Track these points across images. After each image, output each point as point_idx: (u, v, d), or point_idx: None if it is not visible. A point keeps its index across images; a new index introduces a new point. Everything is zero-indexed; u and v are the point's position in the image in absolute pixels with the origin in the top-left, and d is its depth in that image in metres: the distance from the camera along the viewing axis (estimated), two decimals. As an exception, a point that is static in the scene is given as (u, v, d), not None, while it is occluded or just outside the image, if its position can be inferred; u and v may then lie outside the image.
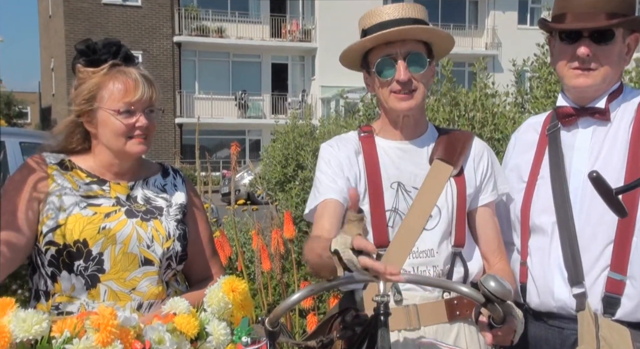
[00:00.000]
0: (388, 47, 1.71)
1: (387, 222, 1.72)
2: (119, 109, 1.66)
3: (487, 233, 1.81)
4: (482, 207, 1.81)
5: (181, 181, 1.87)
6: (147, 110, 1.69)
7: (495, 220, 1.83)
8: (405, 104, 1.72)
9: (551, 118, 1.90)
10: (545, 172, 1.81)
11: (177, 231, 1.75)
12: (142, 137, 1.69)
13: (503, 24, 27.52)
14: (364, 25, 1.76)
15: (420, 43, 1.73)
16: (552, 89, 3.25)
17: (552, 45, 1.84)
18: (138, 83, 1.67)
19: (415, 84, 1.72)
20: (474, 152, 1.81)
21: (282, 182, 6.07)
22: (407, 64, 1.70)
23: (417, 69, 1.71)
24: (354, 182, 1.74)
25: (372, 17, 1.75)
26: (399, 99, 1.72)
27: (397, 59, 1.70)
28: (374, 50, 1.74)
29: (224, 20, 26.06)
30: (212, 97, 25.73)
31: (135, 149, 1.69)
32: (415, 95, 1.72)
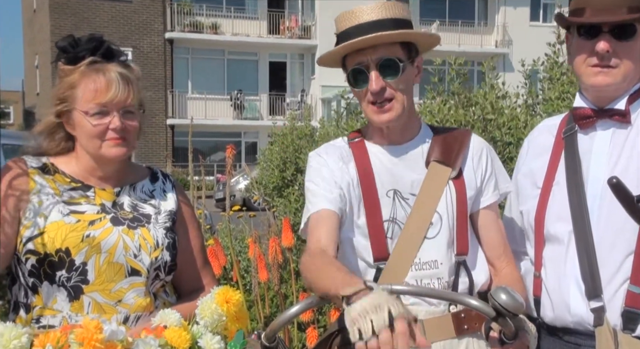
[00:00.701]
0: (359, 54, 1.68)
1: (385, 234, 1.70)
2: (88, 110, 1.66)
3: (491, 237, 1.79)
4: (484, 209, 1.79)
5: (171, 186, 1.86)
6: (122, 111, 1.67)
7: (499, 222, 1.82)
8: (384, 116, 1.69)
9: (567, 120, 1.88)
10: (561, 177, 1.80)
11: (166, 240, 1.74)
12: (118, 139, 1.67)
13: (514, 21, 27.59)
14: (337, 30, 1.74)
15: (396, 45, 1.69)
16: (566, 90, 3.24)
17: (570, 41, 1.83)
18: (111, 82, 1.65)
19: (390, 93, 1.68)
20: (472, 151, 1.80)
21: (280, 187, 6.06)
22: (380, 72, 1.66)
23: (392, 76, 1.67)
24: (347, 192, 1.72)
25: (345, 20, 1.71)
26: (375, 111, 1.69)
27: (369, 68, 1.67)
28: (348, 56, 1.72)
29: (219, 16, 26.12)
30: (206, 97, 25.76)
31: (111, 152, 1.68)
32: (394, 105, 1.69)
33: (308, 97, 26.59)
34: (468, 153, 1.79)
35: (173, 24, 25.33)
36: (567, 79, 3.29)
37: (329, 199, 1.70)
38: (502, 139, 3.22)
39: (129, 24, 24.77)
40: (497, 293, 1.36)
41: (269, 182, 6.28)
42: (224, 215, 4.43)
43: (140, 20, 24.89)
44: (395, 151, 1.77)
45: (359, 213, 1.72)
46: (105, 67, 1.68)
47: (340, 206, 1.69)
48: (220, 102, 26.19)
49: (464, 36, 26.94)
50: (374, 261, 1.70)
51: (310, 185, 1.76)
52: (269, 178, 6.31)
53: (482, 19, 28.42)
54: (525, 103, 3.55)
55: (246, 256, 4.71)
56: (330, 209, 1.68)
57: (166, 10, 25.22)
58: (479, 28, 27.98)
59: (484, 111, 3.32)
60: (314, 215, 1.69)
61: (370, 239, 1.71)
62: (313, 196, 1.73)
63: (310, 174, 1.78)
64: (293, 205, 5.27)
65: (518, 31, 27.24)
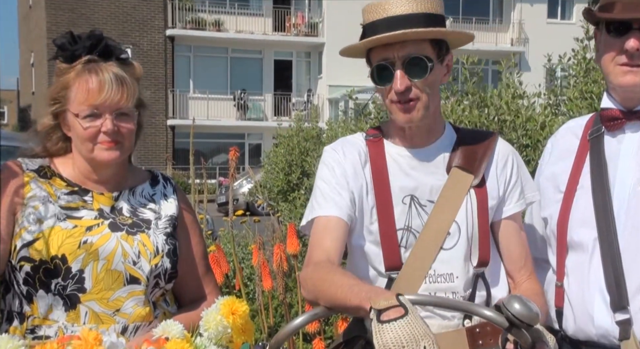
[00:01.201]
0: (386, 49, 1.65)
1: (399, 243, 1.69)
2: (79, 112, 1.65)
3: (511, 249, 1.78)
4: (506, 219, 1.77)
5: (172, 190, 1.85)
6: (116, 113, 1.67)
7: (521, 234, 1.80)
8: (407, 116, 1.67)
9: (594, 122, 1.87)
10: (586, 181, 1.78)
11: (167, 246, 1.74)
12: (110, 142, 1.66)
13: (531, 18, 27.54)
14: (364, 20, 1.71)
15: (425, 42, 1.66)
16: (589, 89, 3.22)
17: (598, 39, 1.81)
18: (103, 84, 1.65)
19: (415, 93, 1.65)
20: (497, 157, 1.77)
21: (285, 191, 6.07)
22: (405, 71, 1.64)
23: (418, 76, 1.65)
24: (359, 196, 1.71)
25: (375, 12, 1.68)
26: (398, 110, 1.67)
27: (395, 65, 1.65)
28: (374, 50, 1.69)
29: (222, 12, 26.20)
30: (209, 97, 25.83)
31: (103, 156, 1.67)
32: (417, 106, 1.66)
33: (315, 97, 26.61)
34: (492, 159, 1.77)
35: (174, 21, 25.42)
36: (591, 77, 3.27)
37: (339, 204, 1.68)
38: (518, 141, 3.20)
39: (128, 21, 24.88)
40: (510, 302, 1.34)
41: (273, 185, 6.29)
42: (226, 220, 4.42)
43: (140, 16, 25.00)
44: (415, 154, 1.75)
45: (371, 219, 1.71)
46: (101, 67, 1.67)
47: (350, 212, 1.68)
48: (223, 102, 26.25)
49: (478, 34, 26.86)
50: (386, 270, 1.69)
51: (320, 183, 1.74)
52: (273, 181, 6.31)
53: (497, 15, 28.39)
54: (547, 103, 3.54)
55: (249, 264, 4.71)
56: (339, 217, 1.67)
57: (167, 6, 25.32)
58: (494, 25, 27.96)
59: (499, 112, 3.31)
60: (321, 220, 1.68)
61: (382, 248, 1.69)
62: (322, 197, 1.71)
63: (322, 171, 1.76)
64: (299, 210, 5.27)
65: (535, 29, 27.20)
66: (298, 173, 5.95)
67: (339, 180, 1.71)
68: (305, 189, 5.48)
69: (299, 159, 6.02)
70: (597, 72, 3.23)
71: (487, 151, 1.76)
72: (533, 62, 23.11)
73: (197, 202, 4.83)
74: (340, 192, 1.69)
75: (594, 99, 3.10)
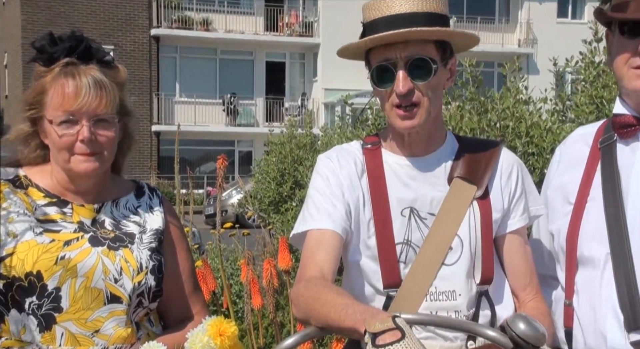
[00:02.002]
0: (387, 49, 1.65)
1: (398, 258, 1.69)
2: (54, 118, 1.65)
3: (516, 266, 1.78)
4: (510, 234, 1.78)
5: (158, 202, 1.86)
6: (94, 120, 1.66)
7: (526, 249, 1.81)
8: (407, 122, 1.67)
9: (605, 129, 1.88)
10: (597, 193, 1.79)
11: (151, 262, 1.73)
12: (88, 153, 1.66)
13: (539, 18, 27.68)
14: (364, 19, 1.72)
15: (429, 43, 1.67)
16: (599, 94, 3.23)
17: (610, 40, 1.82)
18: (80, 88, 1.65)
19: (417, 97, 1.66)
20: (501, 167, 1.78)
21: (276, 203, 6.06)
22: (408, 72, 1.64)
23: (422, 78, 1.65)
24: (355, 208, 1.71)
25: (376, 9, 1.69)
26: (399, 115, 1.67)
27: (397, 66, 1.65)
28: (374, 50, 1.70)
29: (211, 11, 26.27)
30: (196, 101, 25.83)
31: (80, 168, 1.67)
32: (419, 111, 1.66)
33: (309, 102, 26.65)
34: (497, 170, 1.78)
35: (159, 20, 25.46)
36: (601, 82, 3.28)
37: (333, 217, 1.68)
38: (522, 149, 3.21)
39: (110, 19, 24.89)
40: (514, 322, 1.34)
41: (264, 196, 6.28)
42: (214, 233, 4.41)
43: (123, 14, 25.02)
44: (415, 163, 1.75)
45: (368, 233, 1.71)
46: (79, 70, 1.67)
47: (345, 225, 1.68)
48: (211, 106, 26.26)
49: (484, 34, 26.99)
50: (384, 287, 1.69)
51: (314, 193, 1.74)
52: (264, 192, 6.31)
53: (504, 15, 28.52)
54: (554, 108, 3.54)
55: (238, 280, 4.70)
56: (333, 231, 1.67)
57: (152, 4, 25.35)
58: (500, 25, 28.09)
59: (500, 117, 3.31)
60: (314, 233, 1.68)
61: (380, 263, 1.69)
62: (315, 208, 1.71)
63: (316, 181, 1.76)
64: (291, 222, 5.26)
65: (544, 29, 27.33)
66: (290, 183, 5.95)
67: (333, 191, 1.72)
68: (298, 201, 5.48)
69: (292, 168, 6.02)
70: (608, 76, 3.25)
71: (490, 160, 1.77)
72: (542, 64, 23.17)
73: (182, 213, 4.82)
74: (335, 204, 1.70)
75: (605, 104, 3.11)
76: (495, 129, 3.27)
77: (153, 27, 25.31)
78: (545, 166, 2.98)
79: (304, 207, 1.76)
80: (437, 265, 1.68)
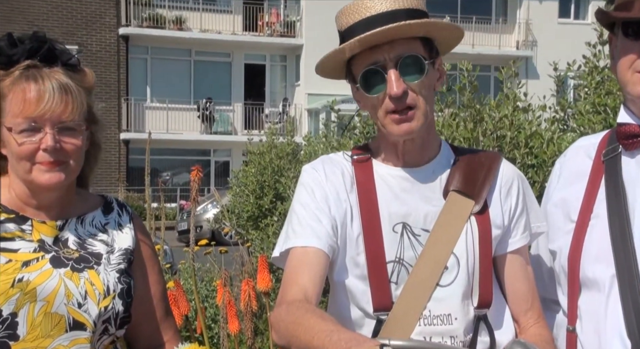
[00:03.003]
0: (373, 52, 1.67)
1: (389, 278, 1.69)
2: (14, 126, 1.64)
3: (517, 288, 1.79)
4: (511, 254, 1.79)
5: (128, 219, 1.85)
6: (59, 127, 1.66)
7: (528, 270, 1.82)
8: (405, 126, 1.68)
9: (609, 139, 1.89)
10: (601, 209, 1.80)
11: (120, 285, 1.73)
12: (52, 163, 1.65)
13: (539, 18, 27.94)
14: (340, 26, 1.73)
15: (416, 40, 1.69)
16: (603, 102, 3.26)
17: (613, 43, 1.83)
18: (43, 92, 1.64)
19: (412, 98, 1.67)
20: (501, 181, 1.79)
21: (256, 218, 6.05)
22: (400, 72, 1.66)
23: (415, 77, 1.67)
24: (342, 223, 1.71)
25: (351, 15, 1.70)
26: (396, 120, 1.68)
27: (387, 67, 1.66)
28: (357, 57, 1.71)
29: (185, 8, 26.29)
30: (168, 107, 25.79)
31: (42, 179, 1.66)
32: (416, 114, 1.67)
33: (291, 108, 26.70)
34: (496, 183, 1.79)
35: (128, 18, 25.42)
36: (605, 88, 3.30)
37: (318, 233, 1.68)
38: (522, 161, 3.23)
39: (74, 17, 24.79)
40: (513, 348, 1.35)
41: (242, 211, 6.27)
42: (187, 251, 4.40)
43: (88, 12, 24.93)
44: (408, 174, 1.76)
45: (357, 250, 1.71)
46: (42, 73, 1.67)
47: (331, 243, 1.69)
48: (185, 112, 26.21)
49: (479, 35, 27.24)
50: (374, 310, 1.69)
51: (297, 207, 1.75)
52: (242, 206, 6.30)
53: (501, 14, 28.77)
54: (554, 116, 3.56)
55: (214, 302, 4.67)
56: (318, 248, 1.67)
57: (120, 0, 25.32)
58: (497, 26, 28.32)
59: (497, 126, 3.32)
60: (297, 251, 1.68)
61: (370, 284, 1.69)
62: (299, 224, 1.71)
63: (300, 194, 1.77)
64: (271, 239, 5.25)
65: (544, 30, 27.58)
66: (271, 196, 5.94)
67: (319, 204, 1.72)
68: (279, 215, 5.47)
69: (272, 179, 6.02)
70: (612, 82, 3.27)
71: (489, 173, 1.78)
72: (542, 68, 23.39)
73: (153, 230, 4.80)
74: (320, 219, 1.70)
75: (609, 113, 3.13)
76: (492, 139, 3.28)
77: (121, 25, 25.25)
78: (545, 179, 2.99)
79: (287, 222, 1.77)
80: (432, 286, 1.69)
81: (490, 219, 1.75)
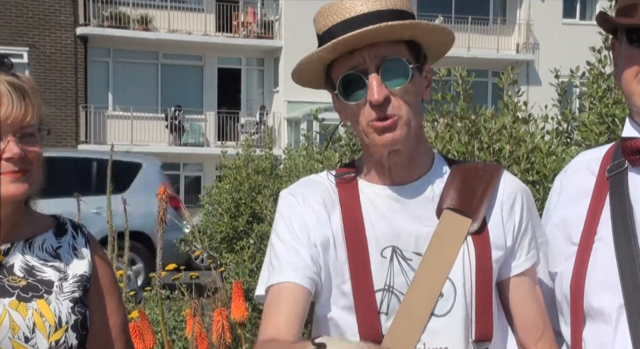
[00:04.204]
0: (353, 56, 1.66)
1: (377, 308, 1.69)
2: None
3: (526, 315, 1.80)
4: (516, 277, 1.79)
5: (84, 242, 1.85)
6: (20, 134, 1.66)
7: (537, 292, 1.83)
8: (388, 136, 1.67)
9: (614, 154, 1.90)
10: (606, 230, 1.81)
11: (74, 316, 1.72)
12: (17, 172, 1.65)
13: (542, 18, 28.11)
14: (318, 29, 1.74)
15: (400, 44, 1.69)
16: (610, 112, 3.28)
17: (617, 50, 1.84)
18: (1, 97, 1.64)
19: (394, 107, 1.66)
20: (502, 196, 1.79)
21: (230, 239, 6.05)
22: (381, 77, 1.65)
23: (397, 82, 1.66)
24: (324, 250, 1.71)
25: (331, 14, 1.70)
26: (378, 129, 1.67)
27: (367, 72, 1.66)
28: (337, 62, 1.70)
29: (151, 6, 26.27)
30: (133, 116, 25.71)
31: (8, 191, 1.66)
32: (399, 122, 1.67)
33: (269, 117, 26.72)
34: (496, 199, 1.78)
35: (87, 16, 25.33)
36: (612, 97, 3.32)
37: (295, 266, 1.68)
38: (522, 177, 3.24)
39: (24, 15, 24.63)
40: None
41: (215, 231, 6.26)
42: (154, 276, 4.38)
43: (41, 9, 24.77)
44: (397, 192, 1.75)
45: (342, 278, 1.71)
46: None
47: (311, 274, 1.68)
48: (151, 122, 26.15)
49: (475, 37, 27.43)
50: None
51: (275, 241, 1.75)
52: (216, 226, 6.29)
53: (500, 14, 28.94)
54: (556, 128, 3.58)
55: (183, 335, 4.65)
56: (294, 283, 1.66)
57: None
58: (495, 27, 28.48)
59: (494, 139, 3.34)
60: (273, 289, 1.68)
61: (357, 315, 1.69)
62: (276, 259, 1.71)
63: (277, 225, 1.77)
64: (247, 264, 5.25)
65: (547, 31, 27.72)
66: (247, 216, 5.95)
67: (296, 234, 1.72)
68: (255, 237, 5.47)
69: (249, 197, 6.03)
70: (620, 91, 3.30)
71: (488, 188, 1.78)
72: (544, 73, 23.57)
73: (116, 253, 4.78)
74: (297, 251, 1.70)
75: (618, 124, 3.15)
76: (488, 153, 3.30)
77: (79, 25, 25.15)
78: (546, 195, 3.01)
79: (267, 258, 1.77)
80: (426, 316, 1.69)
81: (490, 240, 1.75)
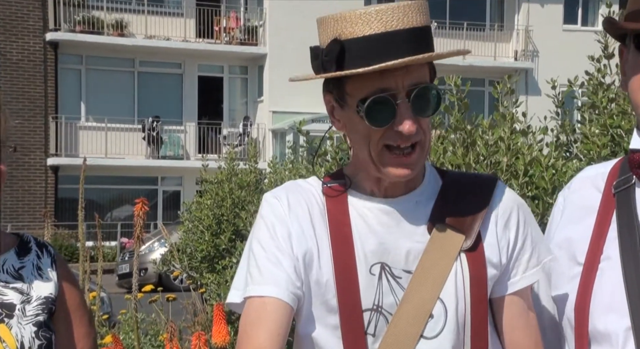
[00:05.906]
0: (384, 77, 1.64)
1: (365, 329, 1.69)
2: None
3: (518, 338, 1.79)
4: (511, 296, 1.80)
5: (49, 262, 1.84)
6: None
7: (530, 316, 1.83)
8: (404, 171, 1.68)
9: (620, 169, 1.90)
10: (613, 250, 1.81)
11: (37, 341, 1.72)
12: None
13: (541, 24, 28.26)
14: (341, 34, 1.67)
15: (425, 66, 1.70)
16: (615, 123, 3.29)
17: (624, 57, 1.85)
18: None
19: (419, 134, 1.67)
20: (497, 210, 1.80)
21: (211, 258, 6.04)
22: (412, 104, 1.64)
23: (427, 112, 1.68)
24: (309, 264, 1.71)
25: (353, 25, 1.65)
26: (394, 162, 1.67)
27: (397, 97, 1.65)
28: (359, 76, 1.66)
29: (126, 10, 26.26)
30: (107, 127, 25.66)
31: None
32: (416, 153, 1.68)
33: (253, 128, 26.73)
34: (491, 213, 1.79)
35: (58, 21, 25.27)
36: (616, 108, 3.34)
37: (277, 280, 1.68)
38: (521, 191, 3.26)
39: (-9, 20, 24.61)
40: None
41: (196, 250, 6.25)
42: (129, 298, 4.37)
43: (7, 14, 24.70)
44: (387, 206, 1.76)
45: (327, 296, 1.71)
46: None
47: (294, 290, 1.68)
48: (127, 133, 26.10)
49: (471, 44, 27.51)
50: None
51: (256, 247, 1.74)
52: (196, 245, 6.28)
53: (497, 20, 29.10)
54: (556, 141, 3.60)
55: (161, 360, 4.64)
56: (277, 299, 1.66)
57: (47, 0, 25.19)
58: (492, 33, 28.63)
59: (490, 151, 3.35)
60: (254, 302, 1.68)
61: (342, 336, 1.69)
62: (257, 268, 1.71)
63: (259, 229, 1.76)
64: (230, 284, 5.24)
65: (547, 38, 27.88)
66: (229, 233, 5.94)
67: (279, 244, 1.72)
68: (238, 256, 5.46)
69: (232, 213, 6.02)
70: (625, 101, 3.31)
71: (483, 202, 1.79)
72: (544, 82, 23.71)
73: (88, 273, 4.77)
74: (280, 262, 1.70)
75: (623, 137, 3.17)
76: (485, 166, 3.31)
77: (49, 30, 25.08)
78: (547, 212, 3.02)
79: (244, 263, 1.76)
80: (415, 339, 1.69)
81: (485, 257, 1.76)
